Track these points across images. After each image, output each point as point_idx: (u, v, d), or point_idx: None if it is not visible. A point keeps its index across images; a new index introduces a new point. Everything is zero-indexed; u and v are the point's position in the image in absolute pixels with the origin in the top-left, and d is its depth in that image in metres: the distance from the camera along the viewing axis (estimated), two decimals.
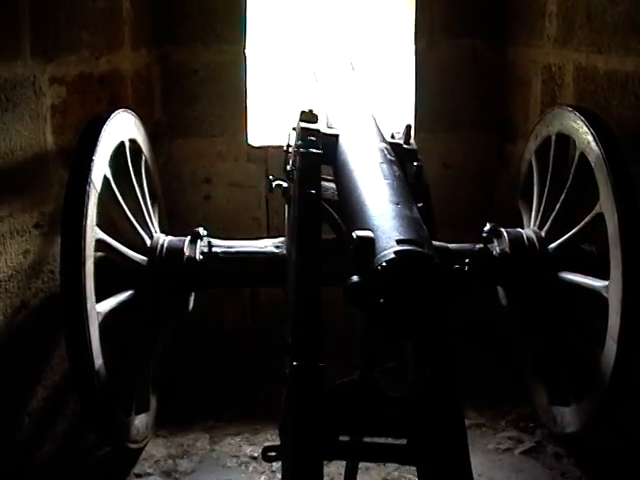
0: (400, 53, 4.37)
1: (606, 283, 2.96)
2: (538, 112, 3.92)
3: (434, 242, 2.28)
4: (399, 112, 4.36)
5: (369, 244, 2.06)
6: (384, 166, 2.57)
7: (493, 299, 3.47)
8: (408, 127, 3.12)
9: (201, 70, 4.14)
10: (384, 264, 1.97)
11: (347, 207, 2.53)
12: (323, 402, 2.15)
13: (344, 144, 2.86)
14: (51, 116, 3.19)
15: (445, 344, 2.21)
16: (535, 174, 3.53)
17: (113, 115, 3.12)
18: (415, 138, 3.20)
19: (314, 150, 2.73)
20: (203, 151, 4.21)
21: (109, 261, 3.09)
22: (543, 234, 3.30)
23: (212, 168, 4.23)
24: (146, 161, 3.52)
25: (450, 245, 3.08)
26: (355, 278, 1.99)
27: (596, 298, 3.02)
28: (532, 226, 3.42)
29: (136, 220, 3.21)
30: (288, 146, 3.13)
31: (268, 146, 4.19)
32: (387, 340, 2.18)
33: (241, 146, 4.21)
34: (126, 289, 3.12)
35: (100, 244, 2.93)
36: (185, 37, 4.11)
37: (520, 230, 3.36)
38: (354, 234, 2.09)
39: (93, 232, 2.84)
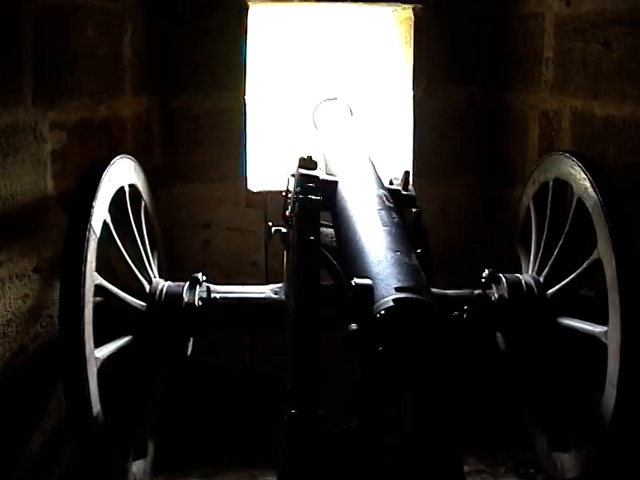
0: (398, 99, 4.41)
1: (605, 329, 2.95)
2: (536, 157, 3.94)
3: (432, 289, 2.28)
4: (398, 157, 4.39)
5: (368, 292, 2.07)
6: (383, 213, 2.58)
7: (492, 344, 3.46)
8: (406, 173, 3.15)
9: (201, 116, 4.16)
10: (383, 312, 1.97)
11: (346, 254, 2.53)
12: (321, 450, 2.14)
13: (343, 190, 2.87)
14: (51, 161, 3.20)
15: (444, 392, 2.20)
16: (533, 219, 3.53)
17: (113, 161, 3.13)
18: (413, 183, 3.23)
19: (313, 197, 2.75)
20: (202, 196, 4.22)
21: (108, 306, 3.09)
22: (542, 279, 3.30)
23: (211, 213, 4.24)
24: (145, 206, 3.52)
25: (448, 291, 3.09)
26: (354, 326, 1.99)
27: (595, 343, 3.01)
28: (530, 271, 3.42)
29: (135, 265, 3.21)
30: (287, 192, 3.16)
31: (267, 191, 4.21)
32: (386, 388, 2.17)
33: (240, 191, 4.22)
34: (125, 334, 3.10)
35: (99, 289, 2.92)
36: (185, 84, 4.14)
37: (518, 275, 3.35)
38: (353, 281, 2.10)
39: (92, 278, 2.83)
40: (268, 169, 4.36)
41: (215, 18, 4.09)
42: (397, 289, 2.06)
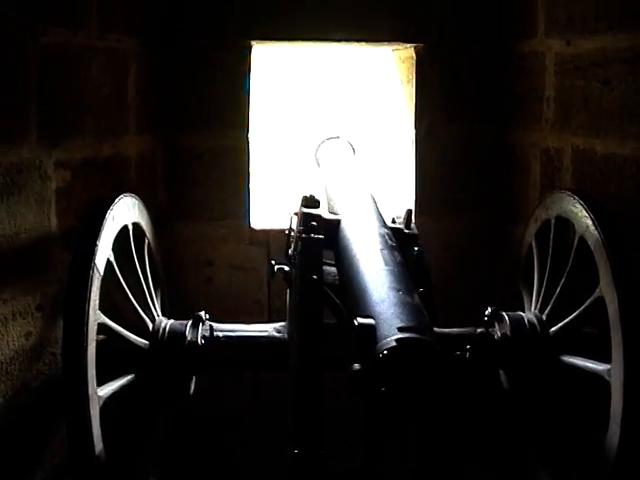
0: (400, 137, 4.43)
1: (608, 366, 2.94)
2: (538, 195, 3.95)
3: (435, 328, 2.28)
4: (400, 195, 4.40)
5: (371, 331, 2.07)
6: (385, 252, 2.59)
7: (495, 383, 3.45)
8: (409, 212, 3.15)
9: (204, 154, 4.18)
10: (385, 352, 1.98)
11: (348, 293, 2.54)
12: None
13: (345, 229, 2.88)
14: (56, 200, 3.23)
15: (446, 430, 2.19)
16: (535, 257, 3.54)
17: (117, 200, 3.15)
18: (416, 221, 3.23)
19: (316, 236, 2.76)
20: (205, 234, 4.23)
21: (111, 344, 3.09)
22: (544, 317, 3.29)
23: (214, 251, 4.24)
24: (149, 244, 3.54)
25: (451, 330, 3.08)
26: (357, 366, 2.00)
27: (599, 381, 2.99)
28: (533, 309, 3.41)
29: (138, 303, 3.22)
30: (290, 230, 3.17)
31: (270, 229, 4.21)
32: (389, 427, 2.17)
33: (243, 229, 4.23)
34: (128, 372, 3.10)
35: (102, 328, 2.93)
36: (189, 122, 4.16)
37: (521, 313, 3.35)
38: (356, 321, 2.10)
39: (95, 316, 2.84)
40: (271, 207, 4.37)
41: (219, 58, 4.12)
42: (400, 329, 2.07)
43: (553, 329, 3.24)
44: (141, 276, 3.32)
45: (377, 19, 4.15)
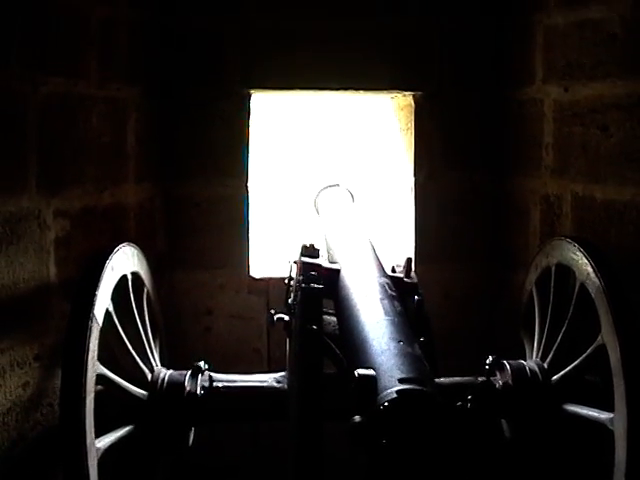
0: (399, 185, 4.45)
1: (611, 415, 2.93)
2: (538, 241, 3.97)
3: (436, 379, 2.28)
4: (400, 243, 4.41)
5: (371, 383, 2.07)
6: (385, 302, 2.60)
7: (497, 432, 3.43)
8: (408, 260, 3.16)
9: (203, 203, 4.19)
10: (386, 404, 1.98)
11: (349, 343, 2.54)
12: None
13: (345, 278, 2.89)
14: (55, 249, 3.24)
15: None
16: (536, 304, 3.54)
17: (116, 249, 3.16)
18: (416, 270, 3.23)
19: (315, 285, 2.76)
20: (204, 283, 4.22)
21: (109, 394, 3.07)
22: (546, 365, 3.29)
23: (213, 300, 4.24)
24: (148, 293, 3.54)
25: (452, 379, 3.08)
26: (357, 418, 1.99)
27: (602, 430, 2.98)
28: (535, 357, 3.41)
29: (137, 353, 3.21)
30: (289, 279, 3.18)
31: (269, 278, 4.22)
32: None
33: (242, 278, 4.23)
34: (126, 423, 3.08)
35: (101, 378, 2.92)
36: (188, 171, 4.18)
37: (522, 362, 3.34)
38: (356, 372, 2.10)
39: (94, 367, 2.83)
40: (270, 256, 4.37)
41: (218, 106, 4.15)
42: (400, 380, 2.08)
43: (555, 377, 3.23)
44: (140, 326, 3.32)
45: (376, 67, 4.19)
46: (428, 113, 4.30)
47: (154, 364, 3.33)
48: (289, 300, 3.08)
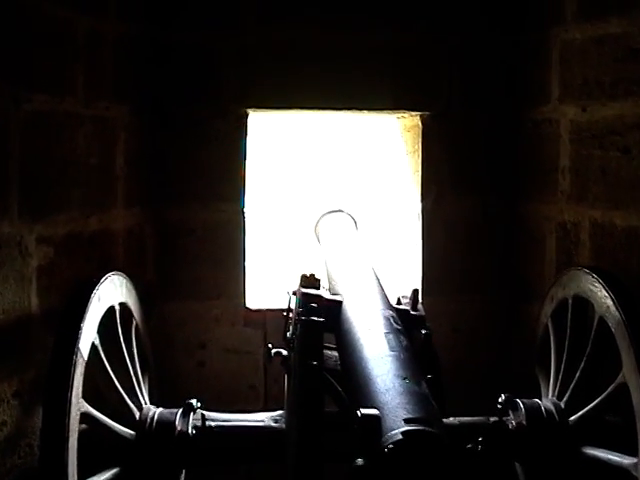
0: (405, 211, 4.45)
1: (635, 460, 2.91)
2: (553, 271, 3.96)
3: (445, 419, 2.28)
4: (406, 273, 4.41)
5: (375, 423, 2.07)
6: (390, 336, 2.60)
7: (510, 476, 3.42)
8: (415, 292, 3.15)
9: (197, 229, 4.18)
10: (391, 446, 1.97)
11: (351, 380, 2.54)
12: None
13: (348, 311, 2.89)
14: (37, 278, 3.21)
15: None
16: (552, 339, 3.53)
17: (103, 279, 3.15)
18: (423, 301, 3.23)
19: (316, 318, 2.76)
20: (198, 315, 4.20)
21: (95, 434, 3.06)
22: (563, 405, 3.27)
23: (207, 333, 4.22)
24: (137, 326, 3.53)
25: (462, 419, 3.07)
26: (360, 461, 1.99)
27: (624, 476, 2.96)
28: (551, 396, 3.40)
29: (124, 390, 3.19)
30: (288, 310, 3.18)
31: (267, 309, 4.20)
32: None
33: (238, 309, 4.21)
34: (112, 465, 3.06)
35: (85, 417, 2.90)
36: (181, 195, 4.17)
37: (538, 400, 3.33)
38: (359, 412, 2.10)
39: (78, 405, 2.81)
40: (268, 286, 4.37)
41: (213, 126, 4.15)
42: (406, 420, 2.07)
43: (573, 418, 3.22)
44: (128, 361, 3.30)
45: (380, 86, 4.19)
46: (436, 134, 4.30)
47: (143, 402, 3.31)
48: (288, 334, 3.08)
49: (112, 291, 3.25)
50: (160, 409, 3.27)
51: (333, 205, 4.25)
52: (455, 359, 3.88)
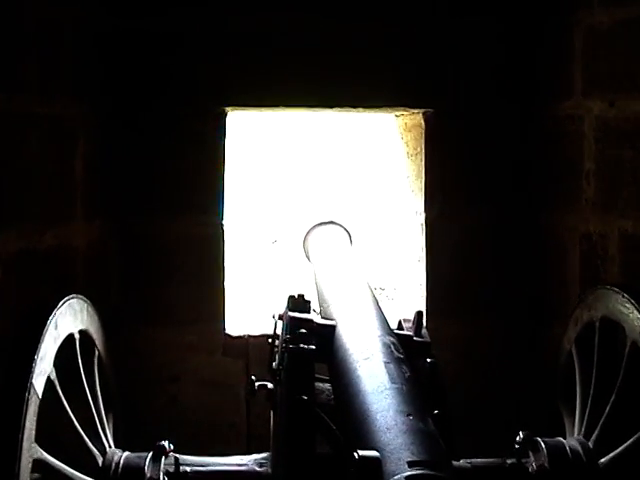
0: (407, 222, 4.45)
1: None
2: (577, 291, 3.96)
3: (454, 462, 2.26)
4: (408, 292, 4.41)
5: (375, 467, 2.06)
6: (391, 366, 2.59)
7: None
8: (419, 314, 3.14)
9: (170, 245, 4.17)
10: None
11: (347, 416, 2.53)
12: None
13: (342, 337, 2.89)
14: None
15: None
16: (577, 367, 3.52)
17: (60, 303, 3.12)
18: (428, 325, 3.22)
19: (305, 346, 2.74)
20: (170, 342, 4.18)
21: None
22: (591, 444, 3.25)
23: (181, 363, 4.20)
24: (100, 356, 3.51)
25: (474, 461, 3.05)
26: None
27: None
28: (577, 434, 3.39)
29: (85, 431, 3.16)
30: (274, 337, 3.15)
31: (249, 336, 4.20)
32: None
33: (216, 336, 4.20)
34: None
35: (39, 464, 2.86)
36: (150, 206, 4.16)
37: (561, 439, 3.32)
38: (356, 454, 2.09)
39: (31, 451, 2.78)
40: (251, 309, 4.36)
41: (187, 127, 4.14)
42: (410, 463, 2.06)
43: (603, 460, 3.19)
44: (90, 397, 3.27)
45: (376, 80, 4.18)
46: (441, 134, 4.30)
47: (107, 445, 3.29)
48: (273, 364, 3.05)
49: (71, 317, 3.23)
50: (127, 453, 3.25)
51: (324, 216, 4.24)
52: (466, 392, 3.88)
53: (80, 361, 3.26)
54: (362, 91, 4.18)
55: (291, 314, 2.96)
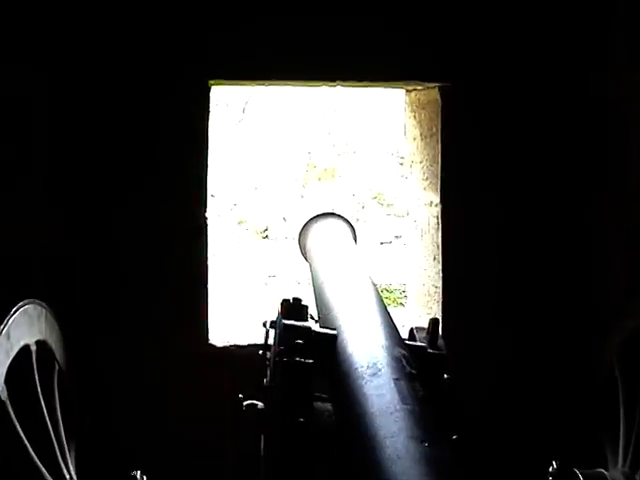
0: (420, 213, 4.45)
1: None
2: (621, 293, 3.98)
3: None
4: (421, 297, 4.39)
5: None
6: (402, 384, 2.55)
7: None
8: (434, 322, 3.11)
9: (144, 241, 4.14)
10: None
11: (351, 443, 2.50)
12: None
13: (345, 349, 2.85)
14: None
15: None
16: (620, 385, 3.52)
17: (14, 310, 3.12)
18: (444, 334, 3.18)
19: (302, 360, 2.72)
20: (144, 353, 4.16)
21: None
22: (638, 477, 3.25)
23: (157, 378, 4.16)
24: (60, 371, 3.51)
25: None
26: None
27: None
28: (621, 464, 3.38)
29: (42, 461, 3.14)
30: (265, 348, 3.13)
31: (236, 346, 4.20)
32: None
33: (198, 346, 4.19)
34: None
35: None
36: (122, 196, 4.11)
37: (602, 470, 3.35)
38: None
39: None
40: (238, 316, 4.34)
41: (162, 104, 4.11)
42: None
43: None
44: (48, 420, 3.26)
45: (383, 47, 4.16)
46: (461, 112, 4.28)
47: (67, 477, 3.28)
48: (265, 380, 3.04)
49: (26, 326, 3.23)
50: None
51: (323, 207, 4.21)
52: (488, 413, 3.84)
53: (37, 377, 3.25)
54: (367, 63, 4.15)
55: (285, 322, 2.93)
